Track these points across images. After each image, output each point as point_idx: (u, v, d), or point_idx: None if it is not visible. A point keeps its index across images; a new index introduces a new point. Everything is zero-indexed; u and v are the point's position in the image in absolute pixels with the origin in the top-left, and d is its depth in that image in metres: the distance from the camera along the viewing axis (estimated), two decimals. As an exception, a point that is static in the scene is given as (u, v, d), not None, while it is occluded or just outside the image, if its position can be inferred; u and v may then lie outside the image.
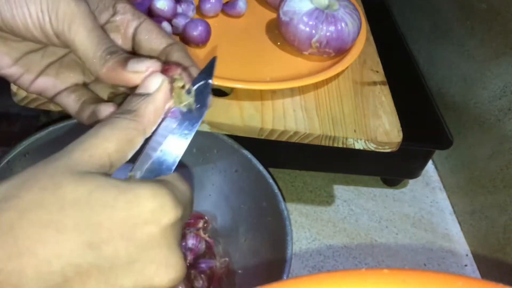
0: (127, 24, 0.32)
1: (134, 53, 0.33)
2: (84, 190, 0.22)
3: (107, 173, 0.25)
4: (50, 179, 0.23)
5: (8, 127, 0.53)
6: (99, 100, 0.32)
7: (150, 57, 0.30)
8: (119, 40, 0.33)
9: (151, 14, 0.51)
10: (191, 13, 0.54)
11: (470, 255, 0.64)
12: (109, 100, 0.33)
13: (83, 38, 0.28)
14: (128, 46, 0.33)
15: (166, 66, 0.29)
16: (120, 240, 0.22)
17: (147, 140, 0.28)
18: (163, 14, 0.51)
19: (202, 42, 0.51)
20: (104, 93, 0.34)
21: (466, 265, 0.62)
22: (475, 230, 0.64)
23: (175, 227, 0.24)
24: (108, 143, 0.25)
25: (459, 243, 0.65)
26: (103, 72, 0.29)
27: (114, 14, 0.32)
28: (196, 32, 0.51)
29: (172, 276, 0.24)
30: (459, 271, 0.61)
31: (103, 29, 0.30)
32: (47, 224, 0.21)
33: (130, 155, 0.27)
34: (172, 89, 0.29)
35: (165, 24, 0.50)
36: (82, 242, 0.22)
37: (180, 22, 0.52)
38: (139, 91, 0.28)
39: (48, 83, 0.33)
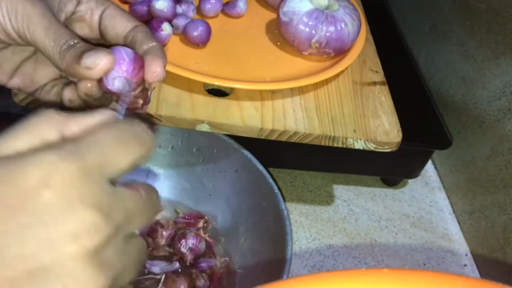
0: (91, 12, 0.32)
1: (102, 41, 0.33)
2: None
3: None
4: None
5: (8, 127, 0.53)
6: None
7: (108, 47, 0.30)
8: (86, 29, 0.33)
9: (151, 14, 0.51)
10: (191, 14, 0.54)
11: (469, 254, 0.64)
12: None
13: (41, 37, 0.29)
14: (95, 34, 0.33)
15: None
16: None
17: None
18: (162, 14, 0.51)
19: (202, 42, 0.51)
20: None
21: (465, 265, 0.62)
22: (474, 230, 0.64)
23: (99, 248, 0.21)
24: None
25: (459, 242, 0.65)
26: (64, 68, 0.29)
27: (78, 4, 0.32)
28: (196, 32, 0.51)
29: None
30: (459, 271, 0.61)
31: (61, 24, 0.30)
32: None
33: None
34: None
35: (166, 25, 0.50)
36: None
37: (180, 22, 0.52)
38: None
39: (26, 80, 0.33)
